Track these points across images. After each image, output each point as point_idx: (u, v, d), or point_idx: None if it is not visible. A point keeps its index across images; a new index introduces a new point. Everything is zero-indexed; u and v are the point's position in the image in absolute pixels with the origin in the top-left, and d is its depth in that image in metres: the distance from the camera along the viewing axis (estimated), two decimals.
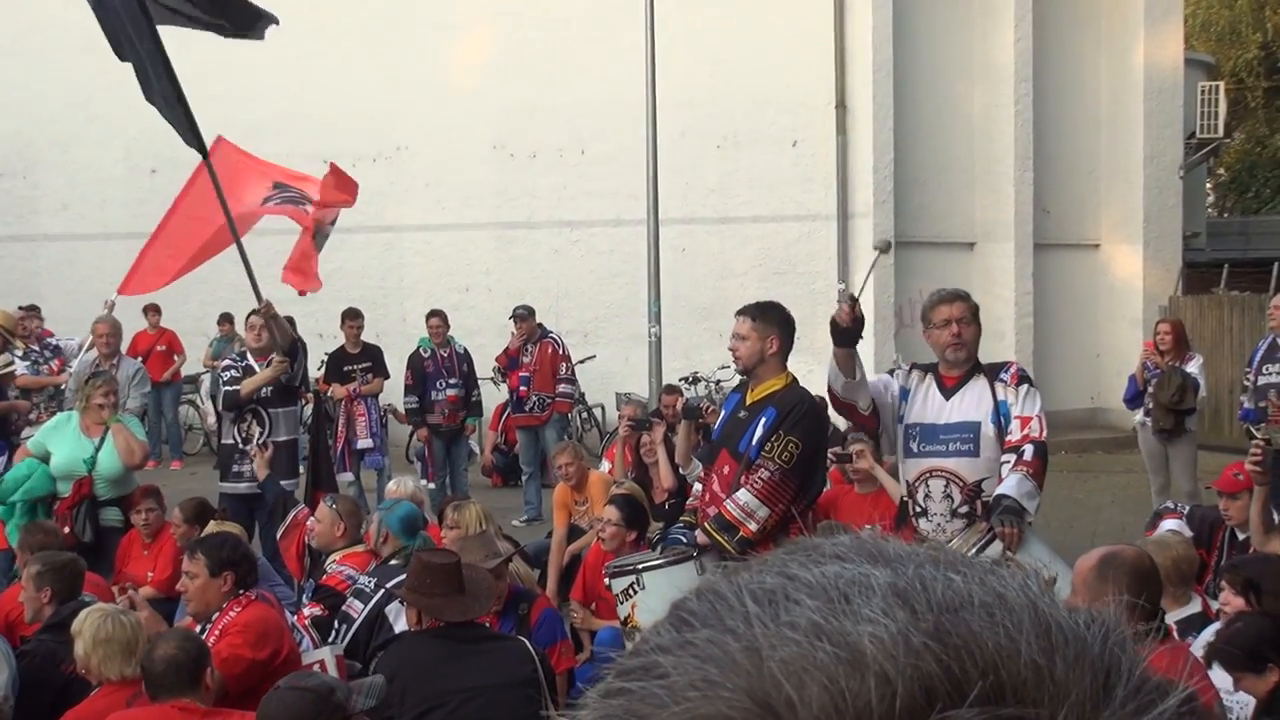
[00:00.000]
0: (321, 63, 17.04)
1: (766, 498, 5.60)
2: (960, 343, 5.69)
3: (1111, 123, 17.84)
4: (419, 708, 5.11)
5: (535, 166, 17.46)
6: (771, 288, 15.34)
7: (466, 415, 12.66)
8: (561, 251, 17.01)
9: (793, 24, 16.25)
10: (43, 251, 18.77)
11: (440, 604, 5.38)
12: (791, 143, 16.58)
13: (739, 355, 5.95)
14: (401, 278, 17.38)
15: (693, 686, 0.51)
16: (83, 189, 18.67)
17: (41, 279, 17.83)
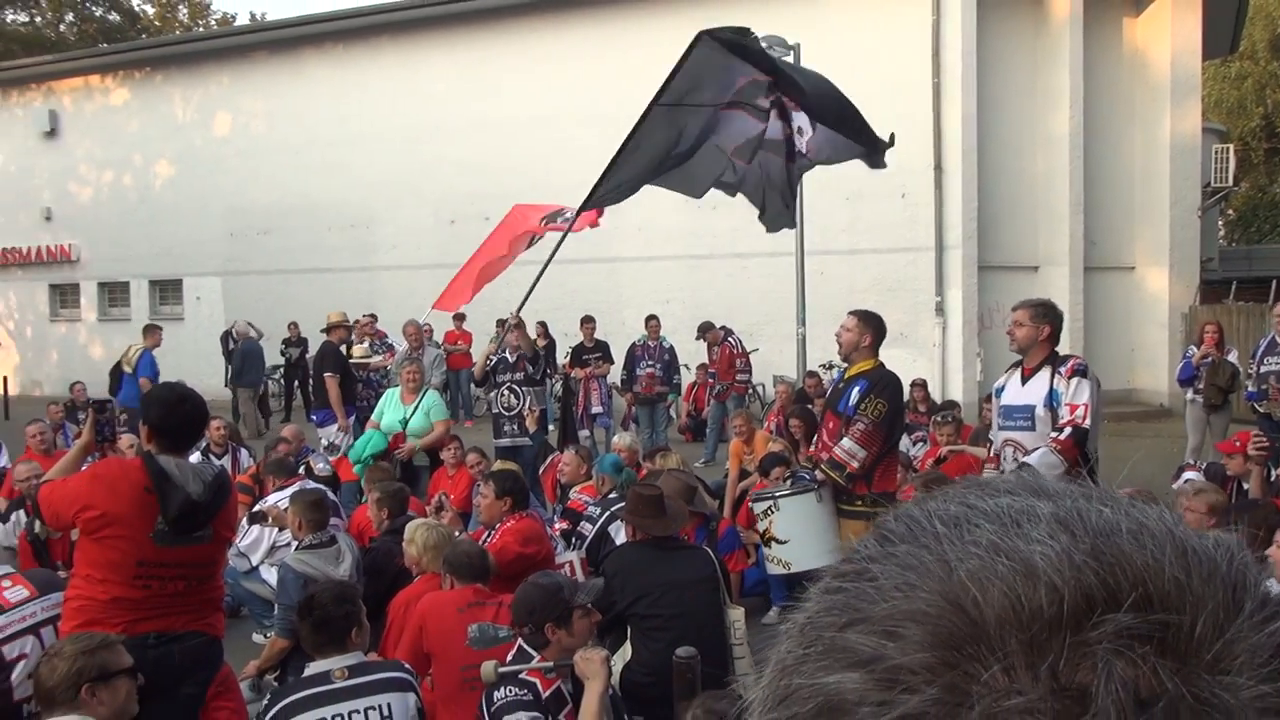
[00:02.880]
0: (568, 139, 17.38)
1: (864, 443, 5.58)
2: (1011, 338, 5.67)
3: (1144, 176, 17.23)
4: (634, 595, 5.19)
5: (714, 214, 17.37)
6: (886, 301, 15.12)
7: (667, 391, 12.91)
8: (733, 275, 17.06)
9: (902, 107, 16.00)
10: (377, 279, 19.56)
11: (649, 523, 5.45)
12: (900, 195, 16.37)
13: (842, 342, 5.97)
14: (620, 295, 17.63)
15: (897, 588, 0.48)
16: (405, 235, 19.44)
17: (376, 297, 18.58)
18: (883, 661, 0.46)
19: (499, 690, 3.71)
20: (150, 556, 3.88)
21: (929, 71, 16.15)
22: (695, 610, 5.17)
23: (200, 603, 4.12)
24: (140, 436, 4.17)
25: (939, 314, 16.34)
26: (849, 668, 0.47)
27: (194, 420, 4.20)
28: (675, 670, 3.96)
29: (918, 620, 0.46)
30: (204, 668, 4.14)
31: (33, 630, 4.39)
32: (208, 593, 4.19)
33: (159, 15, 37.51)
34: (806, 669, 0.49)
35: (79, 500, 3.85)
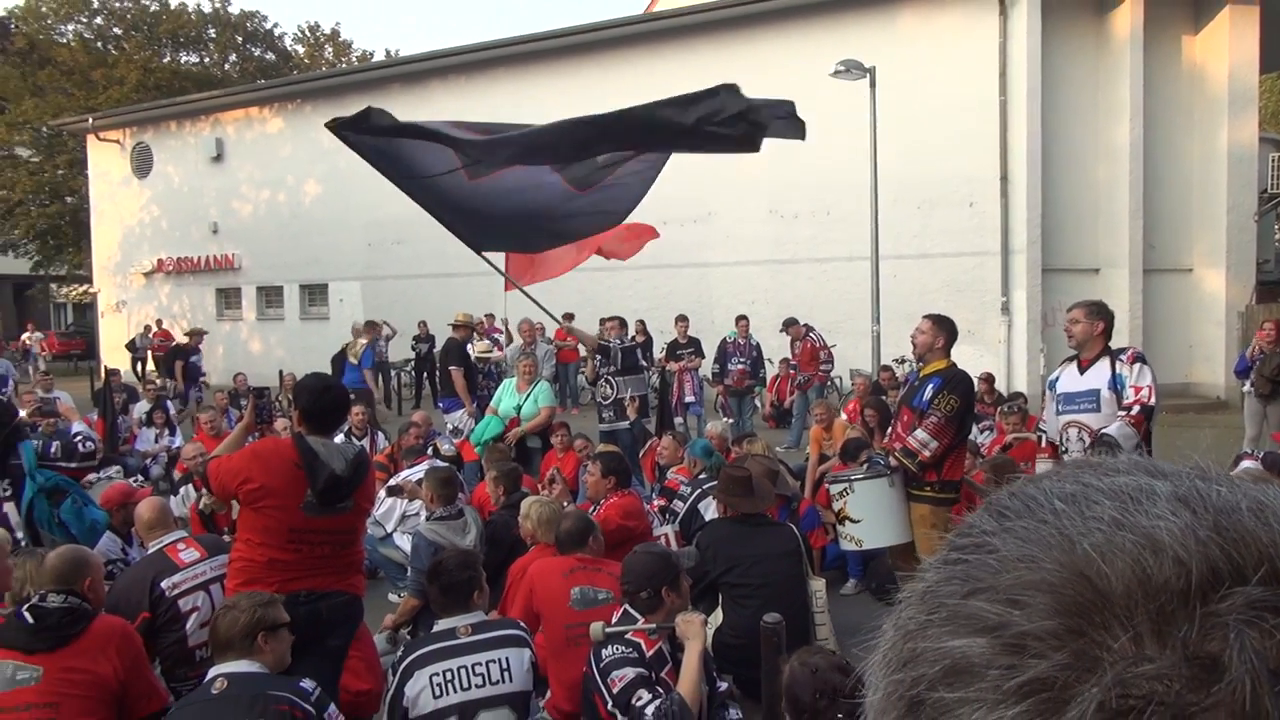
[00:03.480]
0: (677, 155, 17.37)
1: (936, 435, 5.50)
2: (1070, 334, 5.61)
3: (1202, 184, 16.49)
4: (724, 566, 5.20)
5: (796, 223, 17.35)
6: (954, 301, 14.82)
7: (754, 383, 12.84)
8: (814, 279, 16.86)
9: (970, 123, 15.72)
10: (495, 281, 19.45)
11: (738, 501, 5.44)
12: (969, 203, 15.98)
13: (917, 343, 5.85)
14: (710, 296, 17.56)
15: (1019, 560, 0.46)
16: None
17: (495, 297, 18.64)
18: (1009, 628, 0.44)
19: (607, 648, 3.73)
20: (300, 524, 4.00)
21: (996, 90, 15.72)
22: (780, 580, 5.15)
23: (344, 565, 4.23)
24: (295, 419, 4.30)
25: (1004, 313, 15.92)
26: (975, 633, 0.45)
27: (338, 406, 4.32)
28: (763, 634, 3.94)
29: (1042, 589, 0.44)
30: (347, 623, 4.26)
31: (203, 587, 4.57)
32: (350, 557, 4.30)
33: (308, 54, 38.58)
34: (931, 634, 0.47)
35: (240, 474, 3.99)
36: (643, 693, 3.57)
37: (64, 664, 3.45)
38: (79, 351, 30.31)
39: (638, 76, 18.54)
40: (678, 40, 18.33)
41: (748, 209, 17.62)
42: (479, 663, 3.69)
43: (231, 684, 3.17)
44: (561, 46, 19.51)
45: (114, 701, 3.54)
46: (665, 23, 18.81)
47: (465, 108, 20.07)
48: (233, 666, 3.24)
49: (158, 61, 33.28)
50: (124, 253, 26.52)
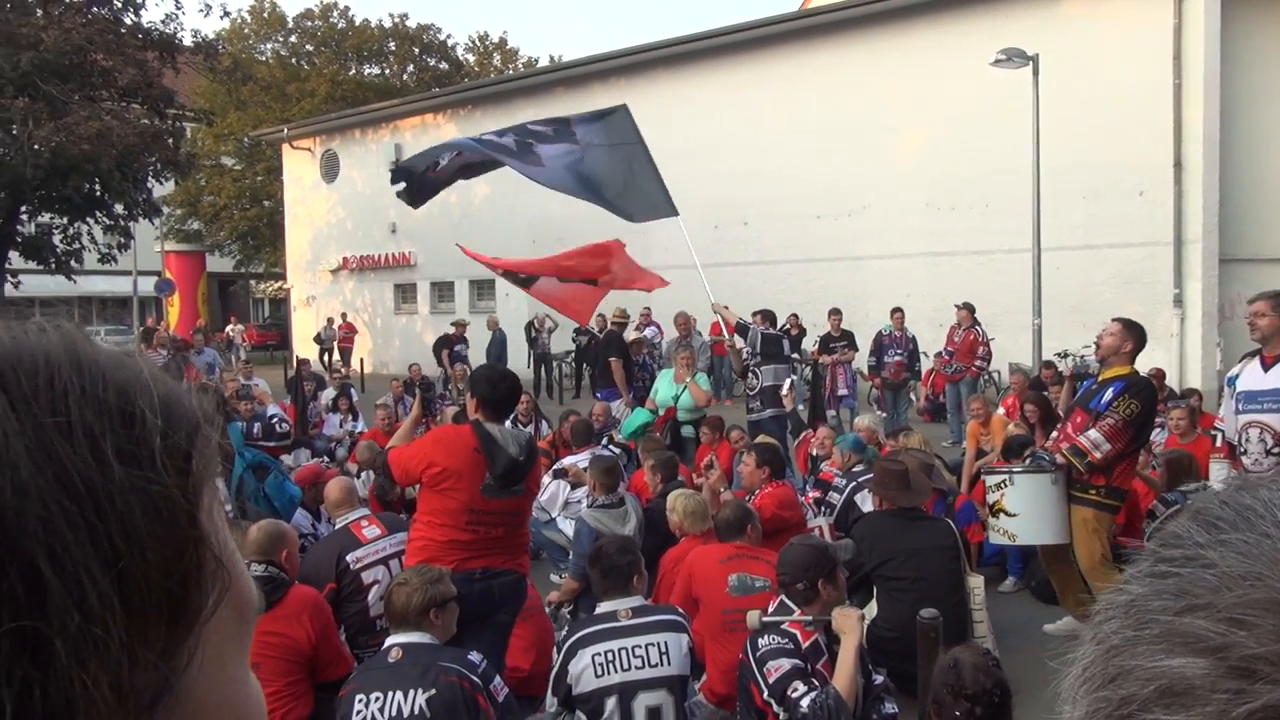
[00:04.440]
0: (819, 152, 17.13)
1: (1110, 437, 5.21)
2: (1254, 328, 5.15)
3: None
4: (879, 559, 5.09)
5: (953, 215, 16.76)
6: (1123, 294, 14.00)
7: (910, 377, 12.47)
8: (971, 272, 16.20)
9: (1140, 109, 14.78)
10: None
11: (894, 494, 5.30)
12: (1138, 192, 15.03)
13: (1103, 344, 5.56)
14: (864, 290, 17.12)
15: (1242, 577, 0.42)
16: (675, 240, 19.31)
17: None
18: (1234, 650, 0.40)
19: (763, 637, 3.69)
20: (479, 505, 4.14)
21: (1170, 73, 14.69)
22: (937, 575, 5.00)
23: (514, 546, 4.36)
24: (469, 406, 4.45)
25: (1177, 306, 14.89)
26: (1194, 653, 0.41)
27: (514, 393, 4.48)
28: (919, 629, 3.82)
29: (1272, 610, 0.40)
30: (516, 600, 4.38)
31: (383, 561, 4.78)
32: (519, 538, 4.45)
33: (478, 62, 39.85)
34: (1141, 651, 0.43)
35: (425, 459, 4.16)
36: (799, 684, 3.51)
37: (264, 628, 3.67)
38: (274, 342, 32.36)
39: (791, 73, 18.32)
40: (831, 35, 18.00)
41: (903, 201, 17.13)
42: (639, 645, 3.72)
43: (406, 654, 3.30)
44: (716, 46, 19.47)
45: (307, 664, 3.75)
46: (819, 18, 18.49)
47: None
48: (407, 637, 3.37)
49: (344, 74, 35.10)
50: (313, 251, 28.13)
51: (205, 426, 0.46)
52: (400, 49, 37.39)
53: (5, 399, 0.39)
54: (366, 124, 26.77)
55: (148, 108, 20.41)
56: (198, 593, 0.43)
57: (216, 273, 37.06)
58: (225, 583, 0.45)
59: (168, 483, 0.42)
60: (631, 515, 5.66)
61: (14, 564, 0.37)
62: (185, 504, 0.43)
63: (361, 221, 26.71)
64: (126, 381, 0.43)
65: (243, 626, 0.48)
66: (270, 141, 30.01)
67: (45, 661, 0.37)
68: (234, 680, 0.47)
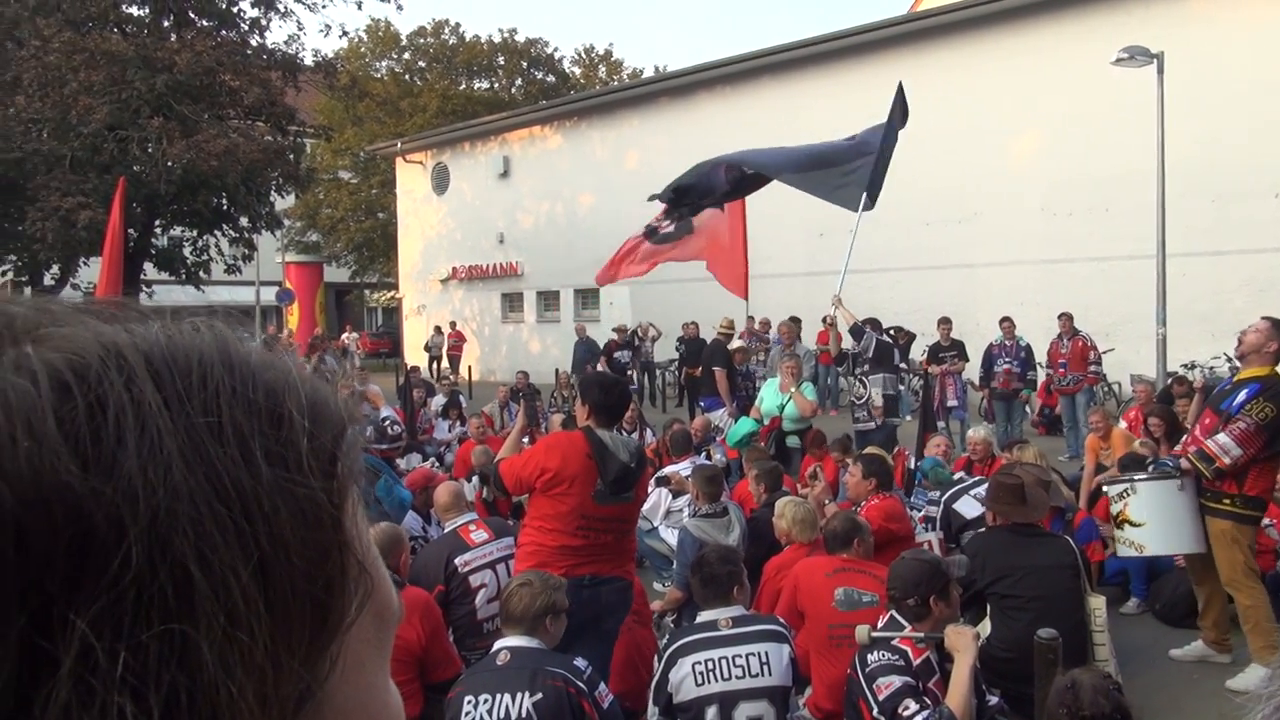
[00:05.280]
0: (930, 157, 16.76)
1: (1241, 442, 4.95)
2: None
3: None
4: (993, 575, 4.93)
5: (1070, 220, 16.15)
6: (1257, 302, 13.22)
7: (1023, 387, 12.03)
8: (1090, 279, 15.56)
9: (1271, 107, 13.96)
10: (755, 285, 19.48)
11: (1009, 509, 5.12)
12: (1274, 194, 14.20)
13: (1245, 340, 5.26)
14: (975, 297, 16.63)
15: None
16: (775, 248, 19.17)
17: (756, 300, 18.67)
18: None
19: (873, 653, 3.61)
20: (590, 511, 4.18)
21: None
22: (1055, 594, 4.80)
23: (621, 553, 4.38)
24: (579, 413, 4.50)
25: None
26: None
27: (624, 400, 4.52)
28: (1036, 649, 3.68)
29: None
30: (623, 607, 4.39)
31: (491, 565, 4.86)
32: (627, 545, 4.47)
33: (584, 74, 40.38)
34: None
35: (539, 466, 4.21)
36: (910, 702, 3.42)
37: None
38: (386, 350, 33.37)
39: (901, 76, 17.88)
40: (942, 37, 17.60)
41: (1017, 207, 16.60)
42: (739, 655, 3.69)
43: (514, 657, 3.34)
44: (824, 51, 19.25)
45: (417, 665, 3.84)
46: (929, 21, 18.10)
47: (732, 116, 20.24)
48: (517, 641, 3.41)
49: (454, 89, 36.00)
50: (424, 262, 28.91)
51: (351, 429, 0.46)
52: (509, 63, 38.16)
53: (160, 398, 0.39)
54: (475, 137, 27.40)
55: (271, 125, 21.31)
56: (341, 599, 0.42)
57: (333, 283, 38.41)
58: (368, 589, 0.44)
59: (314, 486, 0.42)
60: (735, 525, 5.64)
61: (165, 565, 0.37)
62: (330, 508, 0.43)
63: (470, 232, 27.33)
64: (275, 382, 0.43)
65: (383, 633, 0.48)
66: (384, 155, 30.98)
67: (192, 667, 0.36)
68: (374, 688, 0.47)
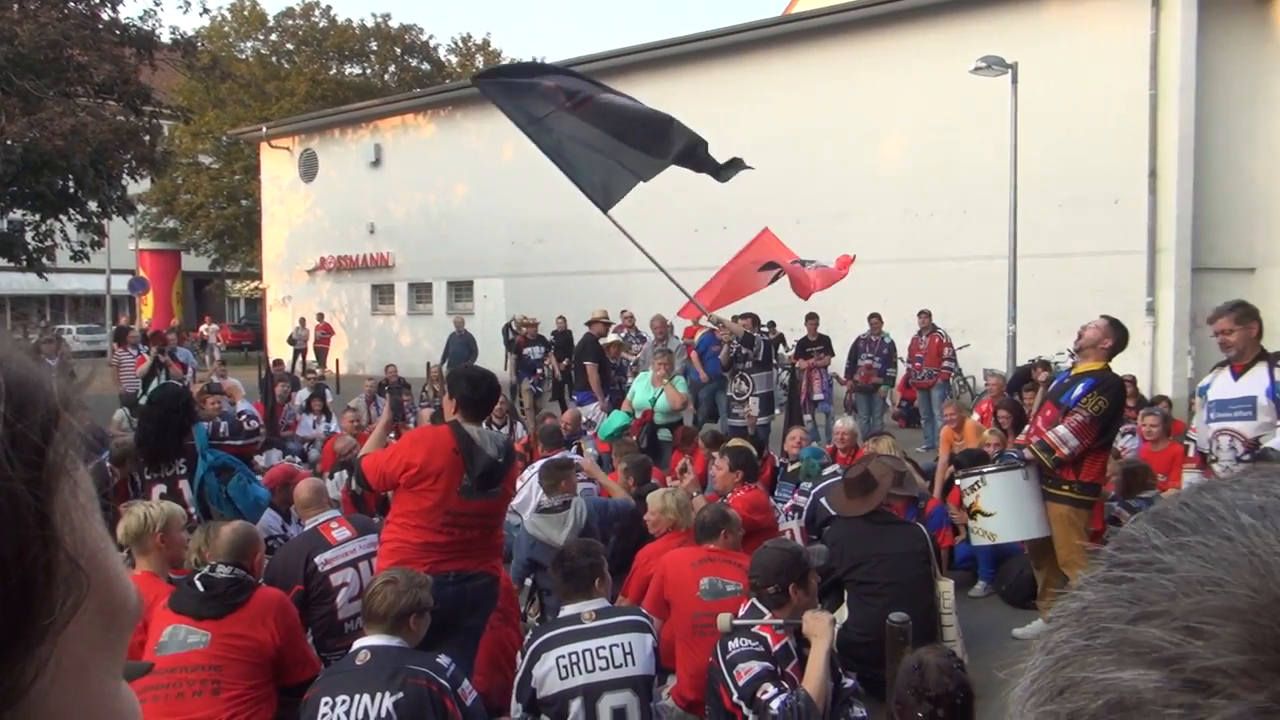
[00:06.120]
0: (800, 157, 17.19)
1: (1077, 433, 5.29)
2: (1227, 346, 5.21)
3: None
4: (851, 563, 5.13)
5: (932, 221, 16.87)
6: (1096, 302, 14.04)
7: (882, 383, 12.51)
8: (949, 278, 16.29)
9: (1117, 119, 14.95)
10: (633, 280, 19.01)
11: (844, 504, 5.37)
12: (1114, 200, 15.19)
13: (1085, 336, 5.60)
14: (841, 294, 17.03)
15: (1199, 583, 0.39)
16: (657, 241, 19.19)
17: (633, 295, 18.64)
18: (1189, 661, 0.37)
19: (733, 640, 3.69)
20: (455, 507, 4.12)
21: (1146, 83, 14.87)
22: (907, 579, 5.01)
23: (488, 549, 4.35)
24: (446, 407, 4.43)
25: (1149, 314, 15.05)
26: (1147, 665, 0.38)
27: (493, 395, 4.46)
28: (888, 632, 3.84)
29: (1231, 619, 0.37)
30: (488, 604, 4.36)
31: (353, 564, 4.74)
32: (494, 540, 4.43)
33: (460, 63, 39.73)
34: (1091, 662, 0.40)
35: (403, 461, 4.12)
36: (768, 687, 3.51)
37: (228, 630, 3.63)
38: (249, 343, 32.12)
39: (774, 77, 18.38)
40: (816, 40, 18.09)
41: (882, 207, 17.22)
42: (603, 646, 3.71)
43: (375, 656, 3.28)
44: (700, 50, 19.51)
45: (271, 666, 3.71)
46: (803, 23, 18.58)
47: None
48: (378, 640, 3.35)
49: (324, 74, 34.88)
50: (290, 251, 27.95)
51: (66, 415, 0.41)
52: (382, 49, 37.21)
53: None
54: (346, 124, 26.65)
55: (124, 104, 20.14)
56: (45, 599, 0.39)
57: (192, 272, 36.74)
58: (83, 588, 0.40)
59: (11, 477, 0.38)
60: (569, 521, 5.53)
61: None
62: (32, 500, 0.38)
63: (339, 221, 26.58)
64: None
65: (113, 635, 0.44)
66: (248, 140, 29.80)
67: None
68: (99, 694, 0.43)
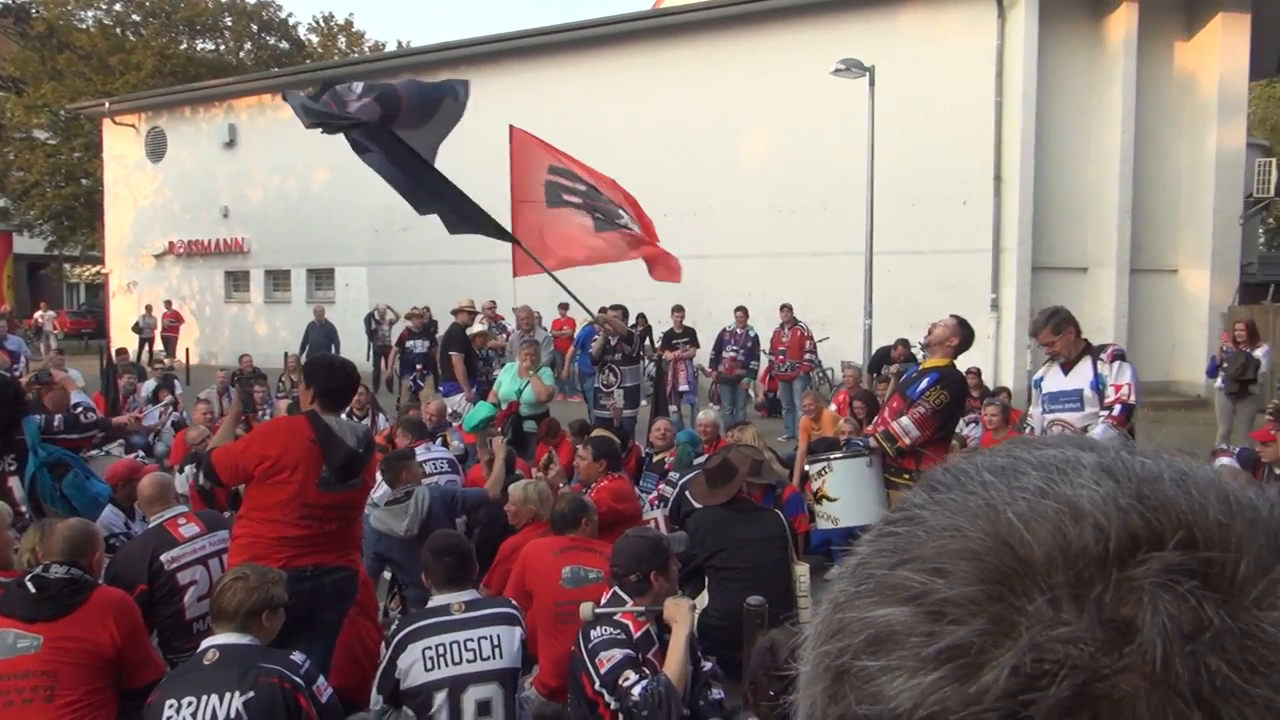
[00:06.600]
0: (668, 151, 17.35)
1: (920, 425, 5.51)
2: (1054, 353, 5.63)
3: (1190, 186, 16.48)
4: (711, 549, 5.23)
5: (794, 218, 17.32)
6: (946, 298, 14.77)
7: (745, 375, 12.78)
8: (810, 273, 16.77)
9: (967, 124, 15.71)
10: (496, 270, 19.38)
11: (706, 492, 5.48)
12: (962, 202, 15.95)
13: (934, 333, 5.85)
14: (708, 287, 17.41)
15: (945, 530, 0.45)
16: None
17: (499, 285, 18.52)
18: (931, 595, 0.43)
19: (595, 629, 3.71)
20: (313, 499, 4.00)
21: (992, 91, 15.67)
22: (766, 564, 5.14)
23: (346, 542, 4.24)
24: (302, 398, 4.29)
25: (994, 310, 15.89)
26: (899, 603, 0.44)
27: (352, 384, 4.36)
28: (746, 616, 3.94)
29: (966, 558, 0.44)
30: (346, 598, 4.25)
31: (202, 561, 4.54)
32: (352, 533, 4.33)
33: (322, 43, 38.39)
34: (858, 604, 0.46)
35: (258, 454, 3.98)
36: (630, 673, 3.55)
37: (62, 633, 3.43)
38: (90, 330, 30.23)
39: (642, 71, 18.50)
40: (682, 36, 18.28)
41: (747, 202, 17.58)
42: (470, 639, 3.68)
43: (223, 655, 3.16)
44: (567, 40, 19.46)
45: (111, 670, 3.53)
46: (670, 19, 18.76)
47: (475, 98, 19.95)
48: (226, 639, 3.22)
49: (174, 48, 33.09)
50: (136, 235, 26.45)
51: None
52: (237, 25, 35.57)
53: None
54: (198, 102, 25.37)
55: None
56: None
57: (25, 254, 34.25)
58: None
59: None
60: (408, 512, 5.46)
61: None
62: None
63: (190, 204, 25.29)
64: None
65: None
66: (89, 115, 27.99)
67: None
68: None
